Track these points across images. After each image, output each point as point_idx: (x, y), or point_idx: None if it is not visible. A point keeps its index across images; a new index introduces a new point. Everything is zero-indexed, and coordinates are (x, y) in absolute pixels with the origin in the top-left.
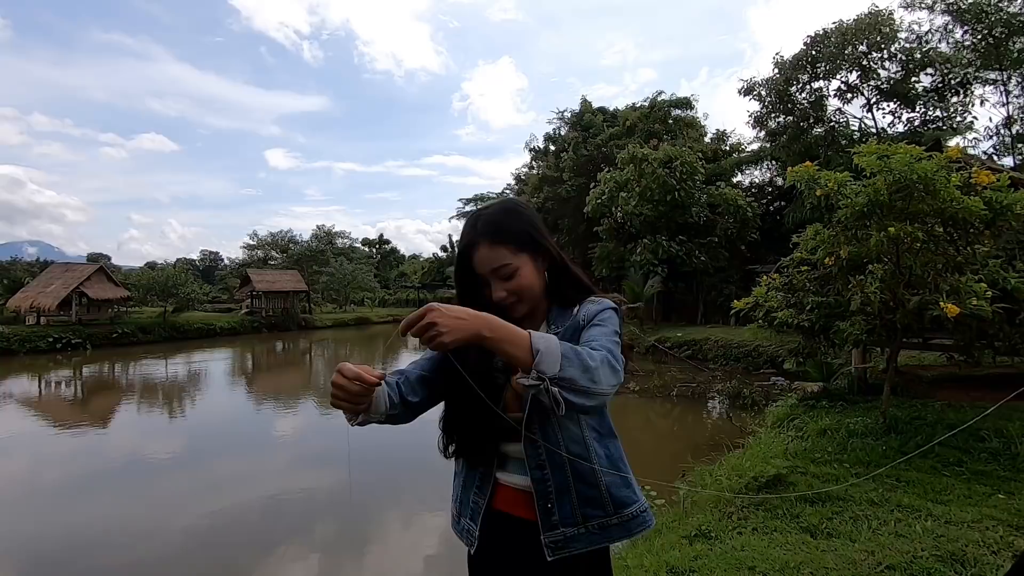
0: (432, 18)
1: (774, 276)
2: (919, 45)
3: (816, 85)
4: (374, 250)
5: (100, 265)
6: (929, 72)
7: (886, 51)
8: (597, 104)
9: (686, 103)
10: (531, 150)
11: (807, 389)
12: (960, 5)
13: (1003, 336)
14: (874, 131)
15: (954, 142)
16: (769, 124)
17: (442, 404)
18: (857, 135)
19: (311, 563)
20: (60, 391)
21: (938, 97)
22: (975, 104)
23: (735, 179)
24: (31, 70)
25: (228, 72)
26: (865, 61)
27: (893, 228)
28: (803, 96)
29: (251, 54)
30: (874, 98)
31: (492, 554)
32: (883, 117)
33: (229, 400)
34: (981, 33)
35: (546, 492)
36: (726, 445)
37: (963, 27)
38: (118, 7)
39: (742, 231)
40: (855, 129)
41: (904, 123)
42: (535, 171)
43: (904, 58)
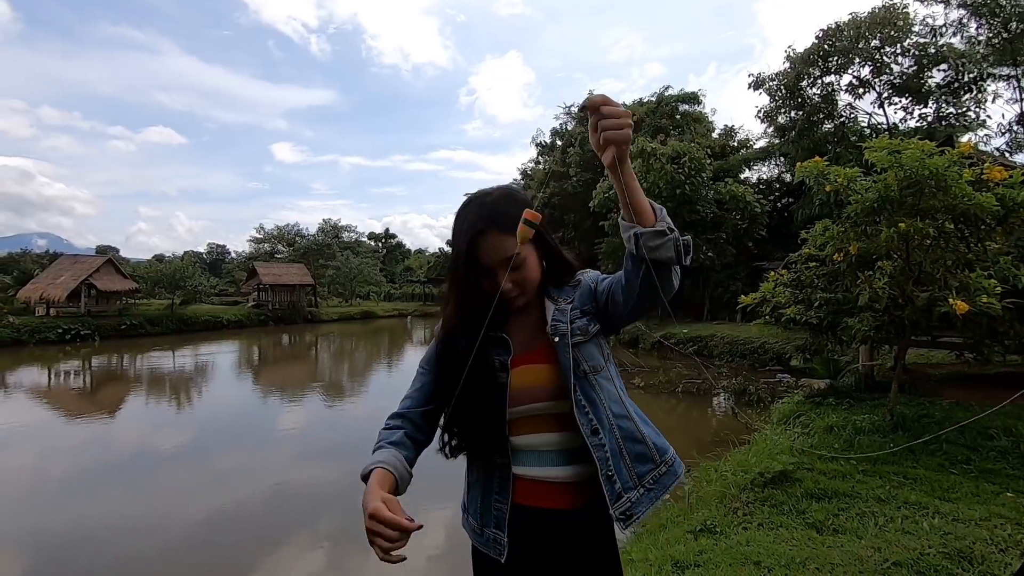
0: (440, 12)
1: (782, 272)
2: (933, 40)
3: (827, 80)
4: (380, 244)
5: (108, 257)
6: (942, 68)
7: (899, 46)
8: None
9: (694, 98)
10: (537, 145)
11: (814, 386)
12: None
13: (1013, 334)
14: (885, 127)
15: (966, 138)
16: (778, 119)
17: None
18: (867, 131)
19: (315, 557)
20: (69, 382)
21: (951, 93)
22: (988, 100)
23: (743, 175)
24: (40, 63)
25: (235, 65)
26: (878, 55)
27: (903, 224)
28: (814, 91)
29: (258, 47)
30: (886, 93)
31: (524, 557)
32: (895, 113)
33: (236, 393)
34: (996, 28)
35: (605, 458)
36: (731, 441)
37: (978, 21)
38: (126, 0)
39: (750, 227)
40: (865, 125)
41: (916, 119)
42: (541, 166)
43: (917, 53)
